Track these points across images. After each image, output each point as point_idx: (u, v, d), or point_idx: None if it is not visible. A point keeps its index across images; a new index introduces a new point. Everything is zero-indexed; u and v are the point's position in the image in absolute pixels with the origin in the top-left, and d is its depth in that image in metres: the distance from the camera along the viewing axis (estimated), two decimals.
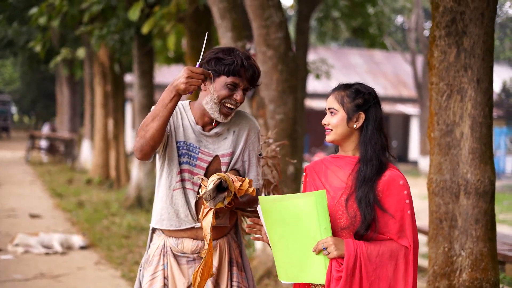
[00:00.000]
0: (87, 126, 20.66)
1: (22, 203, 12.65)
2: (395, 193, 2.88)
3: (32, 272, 7.17)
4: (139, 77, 12.72)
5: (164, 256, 3.25)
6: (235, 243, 3.35)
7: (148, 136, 3.01)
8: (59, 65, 23.66)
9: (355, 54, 36.48)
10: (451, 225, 4.12)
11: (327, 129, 3.00)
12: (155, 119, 2.99)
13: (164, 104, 2.98)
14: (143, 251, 8.39)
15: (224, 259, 3.26)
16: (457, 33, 4.03)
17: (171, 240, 3.24)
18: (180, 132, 3.20)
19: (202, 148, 3.20)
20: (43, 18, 11.90)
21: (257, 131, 3.30)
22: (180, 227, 3.21)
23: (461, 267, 4.09)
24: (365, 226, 2.83)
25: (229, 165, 3.22)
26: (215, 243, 3.24)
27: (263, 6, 6.35)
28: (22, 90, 49.68)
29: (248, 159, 3.27)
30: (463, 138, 4.06)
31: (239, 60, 3.09)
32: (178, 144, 3.19)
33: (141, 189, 12.46)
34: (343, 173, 2.95)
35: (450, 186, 4.11)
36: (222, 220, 3.22)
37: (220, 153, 3.21)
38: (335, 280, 2.78)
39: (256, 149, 3.29)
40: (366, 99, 3.01)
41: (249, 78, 3.12)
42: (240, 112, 3.31)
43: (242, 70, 3.09)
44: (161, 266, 3.24)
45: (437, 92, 4.13)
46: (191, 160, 3.19)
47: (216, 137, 3.22)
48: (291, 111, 6.56)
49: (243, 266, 3.36)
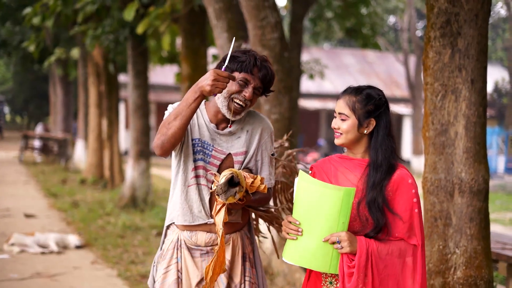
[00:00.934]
0: (80, 126, 20.65)
1: (16, 203, 12.65)
2: (404, 192, 2.95)
3: (29, 272, 7.20)
4: (134, 77, 12.73)
5: (178, 250, 3.31)
6: (248, 240, 3.41)
7: (170, 134, 3.08)
8: (53, 65, 23.64)
9: (348, 54, 36.57)
10: (446, 223, 4.17)
11: (337, 133, 3.02)
12: (177, 118, 3.07)
13: (187, 104, 3.06)
14: (139, 250, 8.44)
15: (237, 253, 3.32)
16: (452, 34, 4.09)
17: (185, 233, 3.30)
18: (196, 130, 3.27)
19: (215, 146, 3.27)
20: (37, 18, 11.90)
21: (270, 132, 3.37)
22: (193, 222, 3.27)
23: (456, 265, 4.14)
24: (377, 230, 2.90)
25: (242, 164, 3.29)
26: (228, 237, 3.30)
27: (259, 7, 6.39)
28: (14, 90, 49.54)
29: (261, 159, 3.34)
30: (458, 138, 4.11)
31: (252, 58, 3.18)
32: (194, 141, 3.26)
33: (136, 189, 12.49)
34: (353, 175, 3.00)
35: (445, 185, 4.16)
36: (234, 217, 3.29)
37: (233, 152, 3.28)
38: (347, 276, 2.84)
39: (269, 149, 3.36)
40: (377, 105, 3.04)
41: (261, 78, 3.19)
42: (254, 113, 3.38)
43: (255, 69, 3.17)
44: (175, 260, 3.30)
45: (432, 92, 4.18)
46: (205, 157, 3.26)
47: (229, 136, 3.29)
48: (286, 111, 6.61)
49: (255, 263, 3.41)
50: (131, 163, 12.67)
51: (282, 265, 6.68)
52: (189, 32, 9.57)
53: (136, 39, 12.39)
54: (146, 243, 8.97)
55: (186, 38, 9.56)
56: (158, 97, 28.48)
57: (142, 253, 8.28)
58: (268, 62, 3.25)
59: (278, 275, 6.70)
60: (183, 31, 9.60)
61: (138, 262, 7.80)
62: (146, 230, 9.92)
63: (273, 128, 6.34)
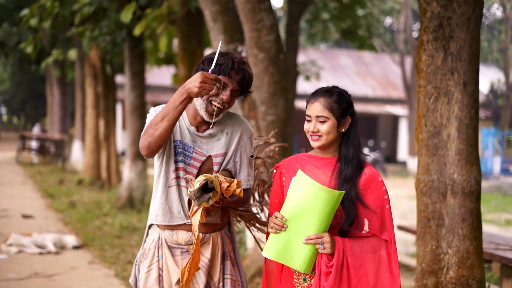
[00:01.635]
0: (77, 127, 20.68)
1: (14, 203, 12.70)
2: (375, 189, 3.05)
3: (26, 272, 7.25)
4: (131, 78, 12.78)
5: (159, 249, 3.37)
6: (228, 239, 3.47)
7: (157, 135, 3.14)
8: (50, 66, 23.67)
9: (344, 55, 36.64)
10: (439, 224, 4.24)
11: (315, 135, 3.08)
12: (164, 119, 3.13)
13: (174, 106, 3.12)
14: (136, 250, 8.49)
15: (217, 252, 3.38)
16: (444, 37, 4.16)
17: (166, 232, 3.37)
18: (178, 132, 3.33)
19: (196, 148, 3.33)
20: (35, 19, 11.95)
21: (249, 134, 3.41)
22: (172, 222, 3.34)
23: (448, 265, 4.21)
24: (349, 223, 2.99)
25: (221, 165, 3.35)
26: (208, 236, 3.36)
27: (255, 10, 6.45)
28: (11, 91, 49.50)
29: (239, 160, 3.39)
30: (450, 140, 4.19)
31: (230, 61, 3.23)
32: (175, 143, 3.32)
33: (133, 190, 12.54)
34: (323, 173, 3.07)
35: (438, 186, 4.23)
36: (213, 218, 3.35)
37: (213, 154, 3.34)
38: (324, 275, 2.93)
39: (248, 150, 3.41)
40: (350, 102, 3.18)
41: (239, 81, 3.23)
42: (234, 115, 3.44)
43: (232, 72, 3.22)
44: (156, 258, 3.36)
45: (425, 95, 4.25)
46: (185, 159, 3.32)
47: (209, 138, 3.35)
48: (282, 113, 6.67)
49: (236, 261, 3.48)
50: (128, 164, 12.71)
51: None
52: (186, 34, 9.62)
53: (133, 41, 12.43)
54: None
55: (183, 40, 9.61)
56: (155, 98, 28.52)
57: None
58: (247, 64, 3.31)
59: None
60: (180, 33, 9.65)
61: None
62: (143, 230, 9.95)
63: (269, 129, 6.44)
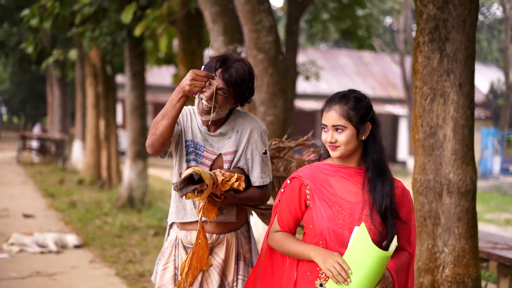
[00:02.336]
0: (78, 127, 20.73)
1: (14, 203, 12.75)
2: (406, 204, 2.92)
3: (28, 271, 7.31)
4: (131, 78, 12.83)
5: (176, 248, 3.47)
6: (244, 239, 3.51)
7: (158, 133, 3.23)
8: (51, 66, 23.72)
9: (344, 55, 36.70)
10: (435, 223, 4.30)
11: (333, 146, 2.83)
12: (164, 118, 3.21)
13: (172, 104, 3.20)
14: (136, 250, 8.55)
15: (231, 253, 3.44)
16: (440, 39, 4.21)
17: (182, 232, 3.46)
18: (189, 132, 3.42)
19: (207, 147, 3.41)
20: (35, 20, 12.00)
21: (260, 131, 3.44)
22: (185, 219, 3.43)
23: (444, 263, 4.27)
24: (390, 239, 2.79)
25: (231, 163, 3.41)
26: (223, 236, 3.42)
27: (254, 11, 6.51)
28: (11, 90, 49.55)
29: (251, 157, 3.43)
30: (446, 140, 4.24)
31: (215, 60, 3.29)
32: (187, 142, 3.42)
33: (133, 190, 12.59)
34: (352, 185, 2.86)
35: (434, 186, 4.28)
36: (227, 216, 3.41)
37: (223, 152, 3.41)
38: None
39: (260, 148, 3.44)
40: (368, 107, 2.94)
41: (225, 80, 3.25)
42: (245, 113, 3.50)
43: (218, 70, 3.27)
44: (172, 257, 3.47)
45: (421, 96, 4.31)
46: (197, 158, 3.41)
47: (220, 137, 3.42)
48: (281, 113, 6.73)
49: (252, 262, 3.51)
50: (128, 164, 12.76)
51: None
52: (186, 34, 9.66)
53: (133, 41, 12.48)
54: (143, 242, 9.08)
55: (183, 40, 9.65)
56: (155, 97, 28.59)
57: (139, 253, 8.40)
58: (242, 63, 3.31)
59: None
60: (180, 34, 9.70)
61: (136, 262, 7.91)
62: (143, 230, 10.03)
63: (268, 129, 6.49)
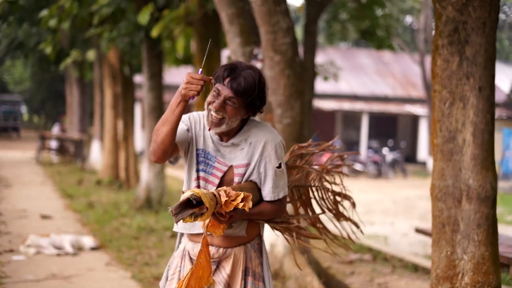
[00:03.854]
0: (96, 127, 20.79)
1: (32, 204, 12.78)
2: None
3: (44, 273, 7.29)
4: (149, 79, 12.82)
5: (182, 259, 3.38)
6: (254, 253, 3.37)
7: (159, 140, 3.13)
8: (69, 66, 23.82)
9: (364, 54, 36.53)
10: (454, 229, 4.21)
11: None
12: (164, 124, 3.11)
13: (172, 110, 3.10)
14: (153, 252, 8.52)
15: (238, 268, 3.30)
16: (460, 42, 4.12)
17: (189, 244, 3.36)
18: (201, 140, 3.30)
19: (218, 157, 3.27)
20: (53, 20, 12.01)
21: (274, 144, 3.27)
22: (193, 231, 3.31)
23: (463, 271, 4.18)
24: None
25: (243, 176, 3.27)
26: (230, 250, 3.29)
27: (271, 12, 6.44)
28: (32, 90, 50.01)
29: (264, 171, 3.27)
30: (465, 145, 4.15)
31: (223, 69, 3.16)
32: (198, 151, 3.30)
33: (151, 190, 12.58)
34: None
35: (453, 192, 4.19)
36: (236, 230, 3.28)
37: (235, 164, 3.27)
38: None
39: (274, 161, 3.27)
40: None
41: (233, 90, 3.12)
42: (261, 124, 3.35)
43: (227, 79, 3.14)
44: (178, 268, 3.38)
45: (440, 100, 4.21)
46: (207, 168, 3.28)
47: (233, 148, 3.28)
48: (298, 115, 6.65)
49: (263, 276, 3.38)
50: (146, 164, 12.76)
51: (294, 268, 6.72)
52: (203, 35, 9.63)
53: (151, 42, 12.47)
54: (160, 244, 9.05)
55: (200, 41, 9.62)
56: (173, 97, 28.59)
57: (156, 255, 8.37)
58: (251, 71, 3.17)
59: (290, 278, 6.75)
60: (197, 35, 9.67)
61: (152, 264, 7.88)
62: (160, 231, 10.00)
63: (285, 132, 6.43)
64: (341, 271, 8.09)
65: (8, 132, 42.86)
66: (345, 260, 8.63)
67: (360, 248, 9.45)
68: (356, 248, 9.38)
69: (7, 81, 53.49)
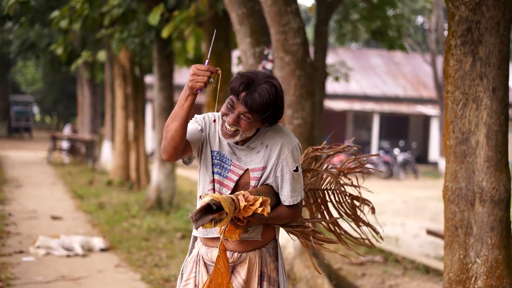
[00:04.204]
0: (107, 128, 20.81)
1: (43, 204, 12.78)
2: None
3: (53, 275, 7.27)
4: (159, 80, 12.81)
5: (197, 264, 3.31)
6: (270, 258, 3.32)
7: (169, 137, 3.05)
8: (80, 67, 23.87)
9: (375, 54, 36.42)
10: (467, 232, 4.15)
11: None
12: (174, 120, 3.03)
13: (180, 105, 3.03)
14: (163, 253, 8.49)
15: (254, 272, 3.25)
16: (473, 42, 4.06)
17: (203, 248, 3.30)
18: (216, 142, 3.23)
19: (234, 161, 3.21)
20: (64, 21, 12.01)
21: (291, 147, 3.20)
22: (207, 235, 3.26)
23: (477, 274, 4.12)
24: None
25: (259, 180, 3.20)
26: (245, 255, 3.24)
27: (281, 12, 6.40)
28: (44, 91, 50.20)
29: (281, 175, 3.20)
30: (479, 147, 4.08)
31: (238, 82, 3.04)
32: (213, 153, 3.23)
33: (161, 191, 12.56)
34: None
35: (466, 194, 4.13)
36: (251, 234, 3.23)
37: (251, 167, 3.20)
38: None
39: (291, 165, 3.20)
40: None
41: (248, 106, 3.02)
42: (278, 127, 3.26)
43: (242, 94, 3.03)
44: (193, 274, 3.31)
45: (453, 101, 4.15)
46: (222, 171, 3.21)
47: (248, 150, 3.21)
48: (308, 116, 6.60)
49: (278, 282, 3.32)
50: (156, 165, 12.74)
51: (305, 270, 6.68)
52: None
53: (161, 42, 12.46)
54: (170, 246, 9.02)
55: (210, 42, 9.58)
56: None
57: (166, 256, 8.33)
58: (268, 86, 3.04)
59: (301, 280, 6.70)
60: (207, 35, 9.63)
61: (162, 266, 7.85)
62: (171, 233, 9.97)
63: (295, 132, 6.38)
64: (352, 273, 8.04)
65: (20, 133, 43.01)
66: (356, 262, 8.57)
67: (371, 249, 9.38)
68: (367, 249, 9.32)
69: (20, 81, 53.71)
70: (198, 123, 3.25)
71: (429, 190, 20.11)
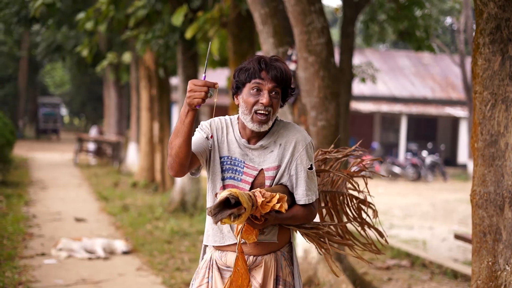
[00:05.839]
0: (133, 129, 20.84)
1: (67, 206, 12.78)
2: None
3: (74, 278, 7.21)
4: (184, 82, 12.76)
5: (210, 269, 3.23)
6: (285, 261, 3.25)
7: (173, 154, 2.98)
8: (106, 69, 23.94)
9: (403, 56, 36.07)
10: (495, 238, 3.98)
11: None
12: (177, 136, 2.96)
13: (181, 120, 2.96)
14: (185, 256, 8.39)
15: (269, 276, 3.18)
16: (502, 40, 3.89)
17: (216, 253, 3.22)
18: (225, 147, 3.16)
19: (247, 162, 3.13)
20: (90, 23, 12.02)
21: (305, 144, 3.15)
22: (223, 243, 3.18)
23: (506, 282, 3.94)
24: None
25: (274, 179, 3.13)
26: (261, 259, 3.17)
27: (305, 12, 6.27)
28: (72, 93, 50.59)
29: (295, 173, 3.14)
30: (508, 149, 3.91)
31: (255, 63, 3.05)
32: (222, 159, 3.15)
33: (185, 193, 12.49)
34: None
35: (494, 199, 3.97)
36: (267, 236, 3.16)
37: (265, 167, 3.13)
38: None
39: (305, 163, 3.14)
40: None
41: (273, 78, 3.04)
42: (289, 124, 3.21)
43: (262, 72, 3.04)
44: (206, 279, 3.23)
45: (481, 102, 3.99)
46: (236, 175, 3.13)
47: (261, 150, 3.15)
48: (333, 118, 6.46)
49: (293, 286, 3.25)
50: None
51: (328, 275, 6.53)
52: (237, 36, 9.50)
53: (186, 44, 12.40)
54: (193, 249, 8.92)
55: (234, 42, 9.50)
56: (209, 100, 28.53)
57: (188, 260, 8.23)
58: (279, 61, 3.09)
59: (324, 285, 6.56)
60: (231, 36, 9.54)
61: (184, 269, 7.75)
62: (194, 235, 9.87)
63: (319, 135, 6.24)
64: (378, 278, 7.87)
65: (48, 134, 43.38)
66: (382, 266, 8.40)
67: (398, 253, 9.21)
68: (394, 253, 9.15)
69: (48, 83, 54.15)
70: (204, 131, 3.19)
71: (457, 193, 19.82)
